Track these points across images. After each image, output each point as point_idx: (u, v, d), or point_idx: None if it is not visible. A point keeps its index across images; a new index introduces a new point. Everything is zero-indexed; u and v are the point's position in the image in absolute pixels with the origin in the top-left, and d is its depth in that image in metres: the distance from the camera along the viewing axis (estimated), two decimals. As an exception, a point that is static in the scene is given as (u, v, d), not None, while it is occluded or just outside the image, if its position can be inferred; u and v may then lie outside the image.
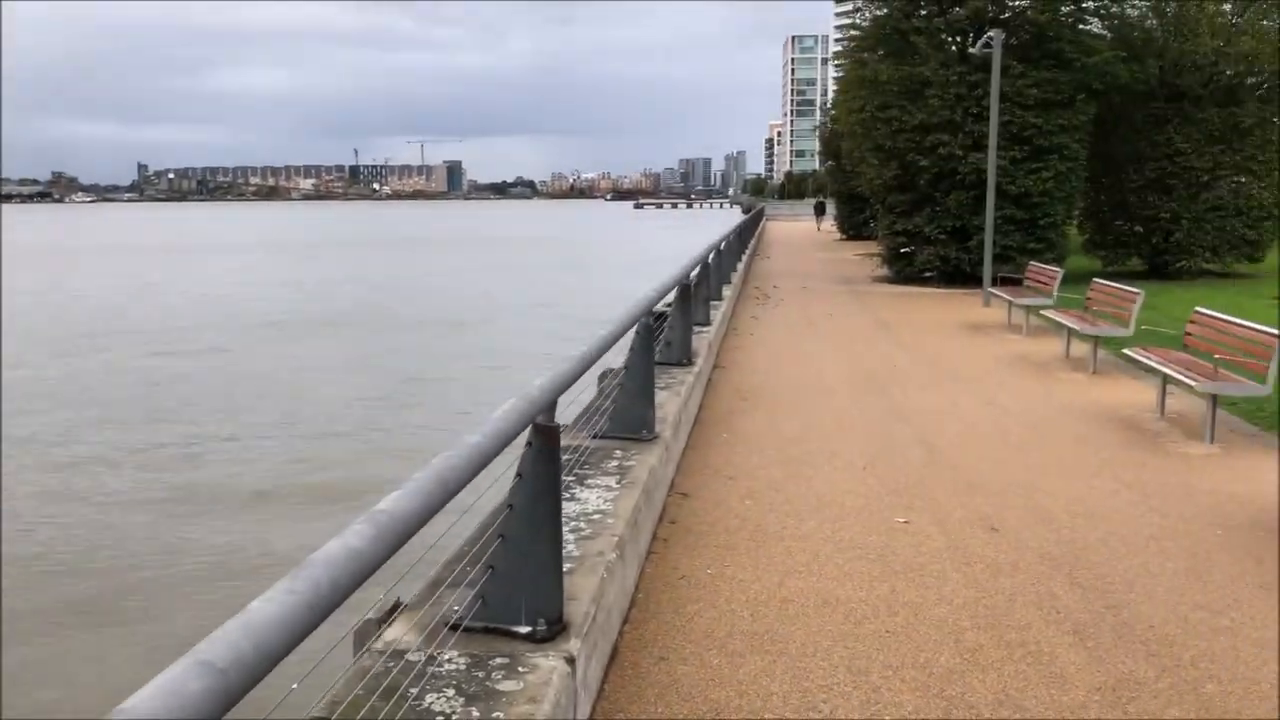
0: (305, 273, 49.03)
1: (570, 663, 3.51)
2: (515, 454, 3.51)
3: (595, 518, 4.98)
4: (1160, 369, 8.81)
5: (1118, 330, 11.28)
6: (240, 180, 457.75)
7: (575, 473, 5.76)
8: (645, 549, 5.55)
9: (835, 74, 29.99)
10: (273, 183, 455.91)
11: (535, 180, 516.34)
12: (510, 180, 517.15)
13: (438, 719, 3.01)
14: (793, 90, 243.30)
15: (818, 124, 60.96)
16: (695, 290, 12.42)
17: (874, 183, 23.21)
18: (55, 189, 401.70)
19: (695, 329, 11.87)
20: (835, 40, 26.51)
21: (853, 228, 44.23)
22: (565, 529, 4.81)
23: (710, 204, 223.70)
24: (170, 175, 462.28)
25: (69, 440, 14.74)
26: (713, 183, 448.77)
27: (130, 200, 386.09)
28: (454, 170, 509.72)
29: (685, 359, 9.52)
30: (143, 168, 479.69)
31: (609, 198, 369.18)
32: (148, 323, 28.75)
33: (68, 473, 13.02)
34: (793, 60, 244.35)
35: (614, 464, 5.96)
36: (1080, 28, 21.56)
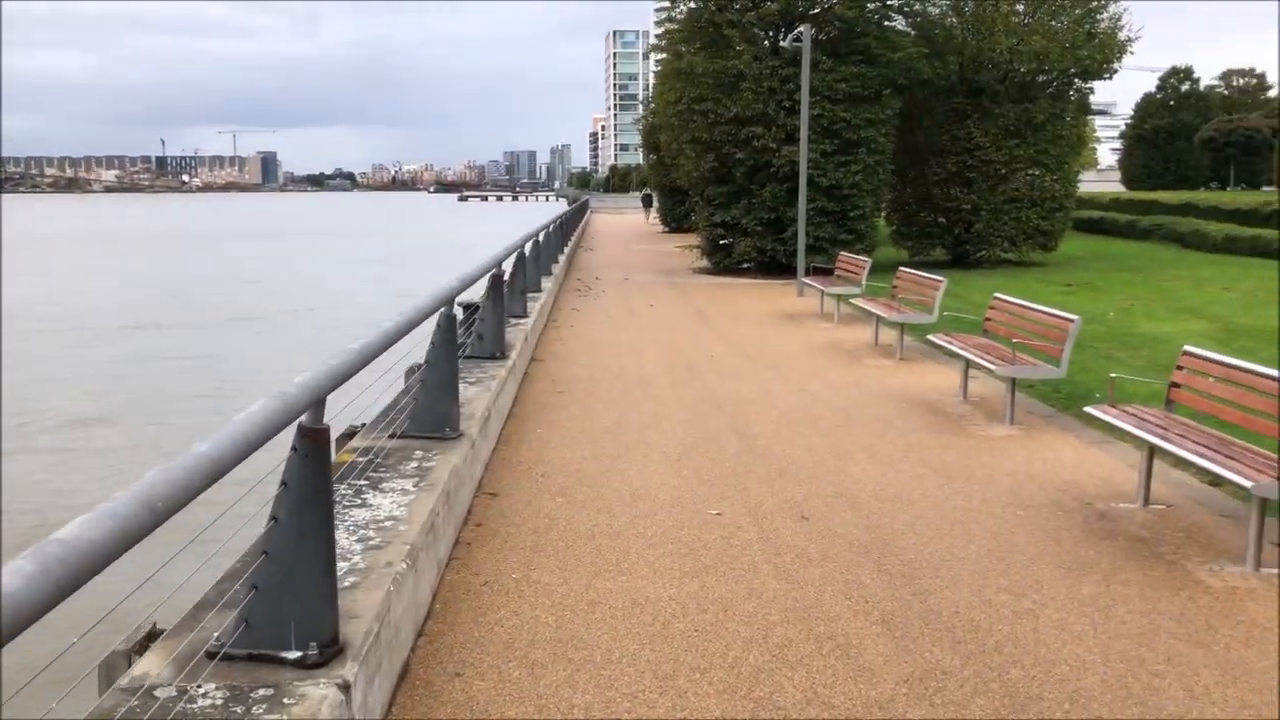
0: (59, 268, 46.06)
1: (345, 689, 3.17)
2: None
3: (387, 524, 4.63)
4: (962, 354, 9.04)
5: (923, 317, 11.58)
6: (34, 171, 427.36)
7: (370, 475, 5.39)
8: (446, 555, 5.23)
9: (655, 68, 30.04)
10: (72, 174, 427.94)
11: (355, 172, 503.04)
12: (329, 172, 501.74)
13: (178, 769, 2.63)
14: (615, 84, 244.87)
15: (639, 118, 61.10)
16: (511, 282, 12.09)
17: (692, 175, 23.36)
18: None
19: (511, 321, 11.56)
20: (655, 35, 26.32)
21: (674, 220, 44.64)
22: (353, 538, 4.46)
23: (536, 196, 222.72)
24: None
25: None
26: (538, 176, 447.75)
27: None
28: (269, 161, 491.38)
29: (499, 352, 9.20)
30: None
31: (432, 190, 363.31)
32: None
33: None
34: (614, 55, 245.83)
35: (413, 465, 5.61)
36: (886, 24, 22.22)
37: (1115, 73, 23.31)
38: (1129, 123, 79.20)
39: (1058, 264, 24.24)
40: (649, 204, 63.99)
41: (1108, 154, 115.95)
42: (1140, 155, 75.45)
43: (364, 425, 6.80)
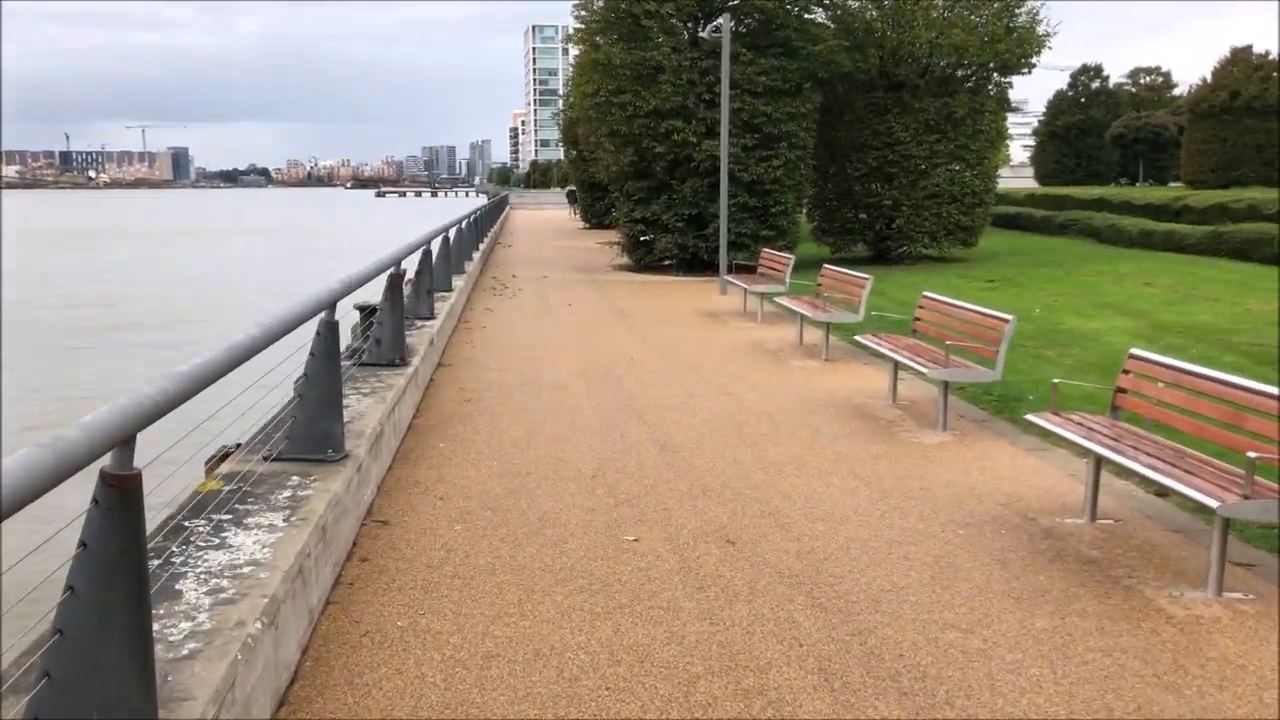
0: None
1: (157, 808, 2.52)
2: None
3: (246, 571, 3.96)
4: (892, 356, 8.60)
5: (848, 316, 11.14)
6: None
7: (235, 508, 4.69)
8: (321, 600, 4.56)
9: (574, 61, 29.36)
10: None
11: (270, 168, 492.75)
12: (243, 168, 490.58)
13: None
14: (535, 80, 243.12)
15: (557, 112, 60.30)
16: (416, 281, 11.41)
17: (611, 169, 22.76)
18: None
19: (417, 324, 10.87)
20: (572, 26, 25.61)
21: (595, 216, 44.01)
22: (203, 590, 3.78)
23: (456, 192, 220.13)
24: None
25: None
26: (458, 171, 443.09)
27: None
28: (180, 157, 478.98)
29: (398, 358, 8.51)
30: None
31: (349, 186, 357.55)
32: None
33: None
34: (534, 50, 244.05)
35: (286, 495, 4.92)
36: (806, 17, 21.86)
37: (1034, 67, 23.29)
38: (1041, 119, 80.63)
39: (978, 260, 24.17)
40: (574, 200, 63.30)
41: (1020, 151, 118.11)
42: (1052, 151, 76.82)
43: (238, 446, 6.08)
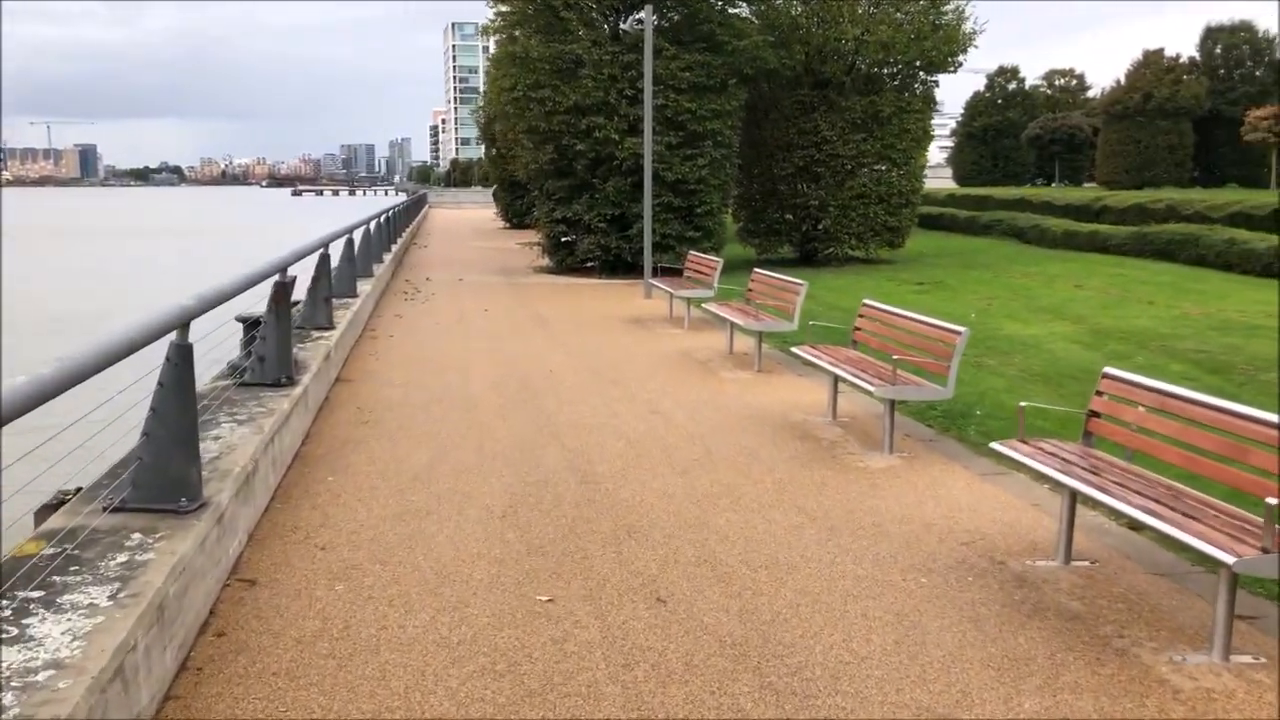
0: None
1: None
2: None
3: (40, 680, 3.06)
4: (833, 371, 7.90)
5: (782, 325, 10.45)
6: None
7: (53, 580, 3.78)
8: (155, 700, 3.67)
9: (491, 56, 28.46)
10: None
11: (183, 166, 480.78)
12: (154, 166, 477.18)
13: None
14: (455, 77, 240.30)
15: (476, 108, 59.10)
16: (313, 288, 10.44)
17: (530, 167, 21.86)
18: None
19: (314, 334, 9.93)
20: (488, 17, 24.70)
21: (515, 215, 43.00)
22: (-25, 713, 2.87)
23: (375, 191, 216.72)
24: None
25: None
26: (377, 169, 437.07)
27: None
28: (88, 155, 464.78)
29: (285, 377, 7.56)
30: None
31: (265, 184, 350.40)
32: None
33: None
34: (454, 47, 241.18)
35: (120, 560, 4.02)
36: (730, 11, 21.20)
37: (960, 66, 22.97)
38: (959, 121, 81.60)
39: (905, 261, 23.80)
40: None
41: (936, 151, 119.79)
42: (970, 152, 77.84)
43: (79, 490, 5.13)
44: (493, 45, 25.56)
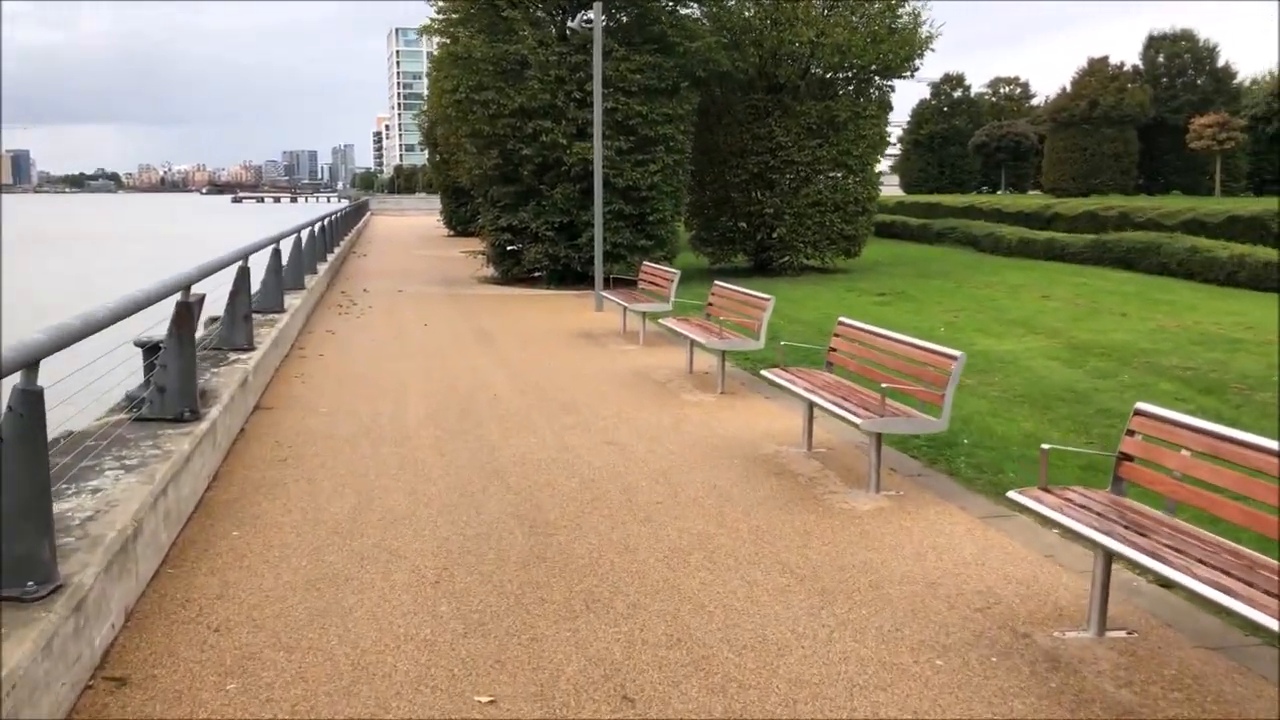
0: None
1: None
2: None
3: None
4: (810, 399, 7.08)
5: (748, 343, 9.64)
6: None
7: None
8: None
9: (432, 56, 27.40)
10: None
11: (120, 172, 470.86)
12: (90, 172, 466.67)
13: None
14: (399, 83, 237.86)
15: (418, 112, 57.85)
16: (231, 304, 9.46)
17: (474, 173, 20.88)
18: None
19: (230, 356, 8.95)
20: (429, 15, 23.70)
21: (459, 222, 41.90)
22: None
23: (317, 198, 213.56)
24: None
25: None
26: (320, 176, 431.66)
27: None
28: (20, 160, 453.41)
29: (188, 411, 6.60)
30: None
31: (205, 191, 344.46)
32: None
33: None
34: (397, 53, 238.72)
35: (-76, 680, 3.06)
36: (682, 12, 20.44)
37: (916, 70, 22.40)
38: (906, 128, 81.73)
39: (861, 270, 23.19)
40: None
41: (882, 159, 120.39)
42: (917, 160, 77.97)
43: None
44: (434, 48, 24.44)
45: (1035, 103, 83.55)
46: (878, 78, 22.70)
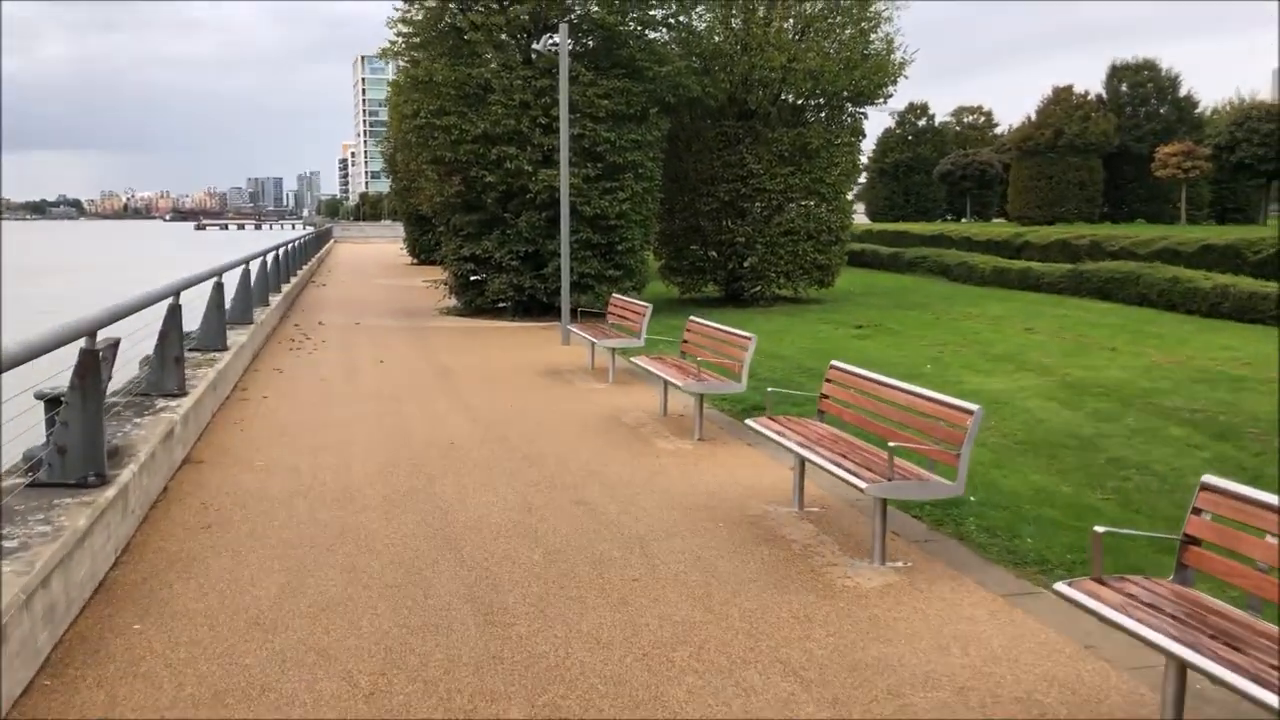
0: None
1: None
2: None
3: None
4: (806, 455, 6.31)
5: (729, 386, 8.89)
6: None
7: None
8: None
9: (391, 81, 26.64)
10: None
11: (83, 199, 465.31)
12: (52, 199, 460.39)
13: None
14: (364, 110, 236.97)
15: (381, 138, 57.04)
16: (161, 345, 8.60)
17: (435, 200, 20.06)
18: None
19: (158, 404, 8.08)
20: (389, 38, 22.97)
21: (423, 251, 40.99)
22: None
23: (282, 224, 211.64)
24: None
25: None
26: (285, 203, 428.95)
27: None
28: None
29: (93, 475, 5.73)
30: None
31: (168, 218, 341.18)
32: None
33: None
34: (363, 80, 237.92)
35: None
36: (650, 35, 19.80)
37: (890, 97, 21.90)
38: (871, 156, 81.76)
39: (835, 300, 22.56)
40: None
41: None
42: (883, 188, 78.02)
43: None
44: (394, 72, 23.69)
45: (999, 131, 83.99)
46: (850, 104, 22.17)
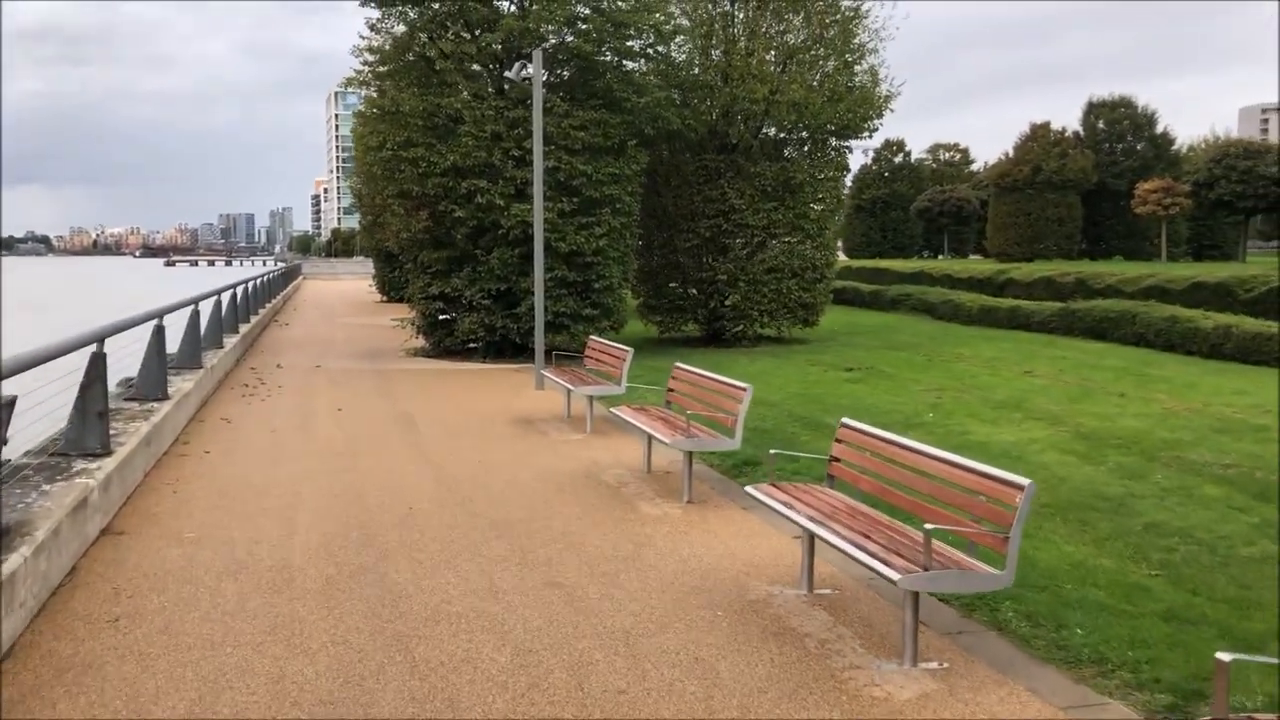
0: None
1: None
2: None
3: None
4: (817, 531, 5.41)
5: (721, 442, 7.99)
6: None
7: None
8: None
9: (356, 108, 25.77)
10: None
11: (51, 235, 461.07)
12: (19, 235, 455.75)
13: None
14: (337, 146, 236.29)
15: (350, 172, 56.18)
16: (82, 397, 7.63)
17: (402, 236, 19.15)
18: None
19: (76, 465, 7.11)
20: (353, 68, 22.22)
21: (392, 288, 39.98)
22: None
23: (253, 261, 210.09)
24: None
25: None
26: (257, 239, 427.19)
27: None
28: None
29: (-31, 565, 4.75)
30: None
31: (138, 254, 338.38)
32: None
33: None
34: (336, 116, 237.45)
35: None
36: (629, 65, 19.07)
37: (875, 131, 21.26)
38: (848, 193, 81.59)
39: (820, 340, 21.78)
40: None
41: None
42: (860, 225, 77.66)
43: None
44: (360, 102, 22.82)
45: (974, 168, 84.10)
46: (834, 139, 21.52)
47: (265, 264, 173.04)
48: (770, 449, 9.55)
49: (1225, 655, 3.23)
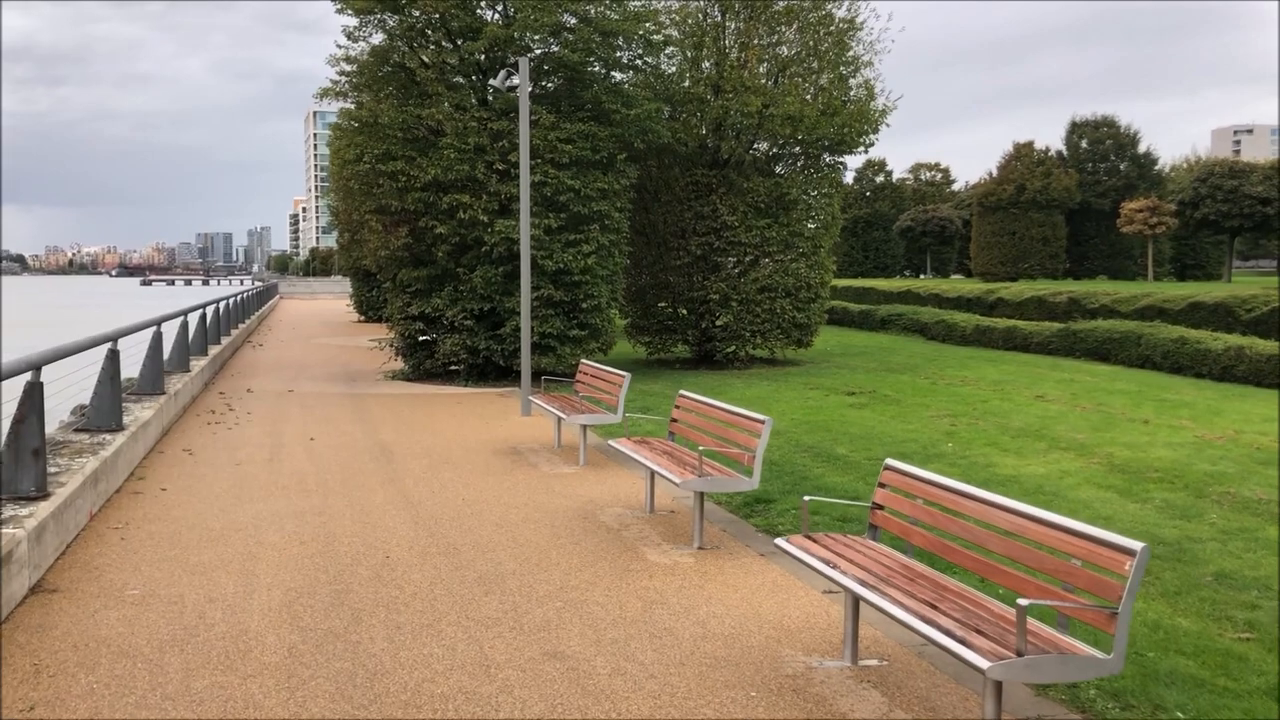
0: None
1: None
2: None
3: None
4: (867, 596, 4.58)
5: (737, 482, 7.16)
6: None
7: None
8: None
9: (330, 124, 24.95)
10: None
11: (26, 254, 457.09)
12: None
13: None
14: (315, 165, 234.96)
15: (325, 191, 55.39)
16: (14, 434, 6.75)
17: (380, 254, 18.26)
18: None
19: (7, 513, 6.21)
20: (330, 78, 21.46)
21: (370, 307, 39.09)
22: None
23: (230, 280, 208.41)
24: None
25: None
26: (235, 258, 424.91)
27: None
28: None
29: None
30: None
31: (114, 273, 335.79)
32: None
33: None
34: (315, 135, 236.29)
35: None
36: (617, 77, 18.32)
37: (871, 146, 20.55)
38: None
39: (814, 362, 21.03)
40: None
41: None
42: (841, 244, 77.14)
43: None
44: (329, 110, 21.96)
45: (956, 188, 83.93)
46: (828, 154, 20.81)
47: (243, 283, 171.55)
48: (782, 484, 8.75)
49: None
